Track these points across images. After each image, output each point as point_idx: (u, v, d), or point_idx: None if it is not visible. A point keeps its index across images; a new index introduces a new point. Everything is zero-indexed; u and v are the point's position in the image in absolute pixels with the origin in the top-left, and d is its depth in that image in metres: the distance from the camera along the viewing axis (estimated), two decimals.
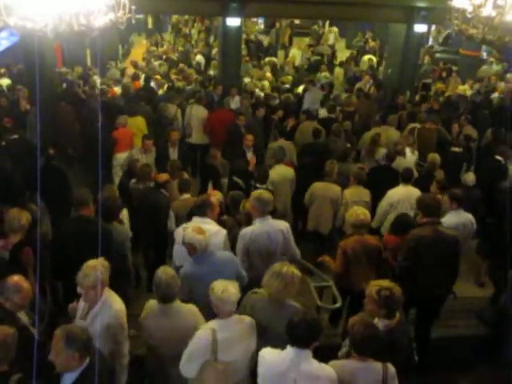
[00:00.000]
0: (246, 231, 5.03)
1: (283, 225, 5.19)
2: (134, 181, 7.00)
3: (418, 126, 9.55)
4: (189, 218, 5.41)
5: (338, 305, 5.29)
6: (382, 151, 8.45)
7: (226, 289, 3.71)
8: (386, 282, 3.91)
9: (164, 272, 4.02)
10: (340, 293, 5.40)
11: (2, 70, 13.00)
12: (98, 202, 5.31)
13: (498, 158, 8.24)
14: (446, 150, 8.56)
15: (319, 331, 3.43)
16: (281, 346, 3.49)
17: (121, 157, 8.52)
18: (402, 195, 6.57)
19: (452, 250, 5.15)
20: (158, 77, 13.38)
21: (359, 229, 5.23)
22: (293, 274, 3.95)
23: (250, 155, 8.22)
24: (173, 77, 14.25)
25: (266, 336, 3.94)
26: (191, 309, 4.10)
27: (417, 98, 12.84)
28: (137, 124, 9.33)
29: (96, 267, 3.81)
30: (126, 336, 4.08)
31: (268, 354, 3.50)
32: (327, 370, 3.43)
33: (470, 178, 7.17)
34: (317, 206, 7.19)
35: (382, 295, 3.78)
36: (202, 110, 10.14)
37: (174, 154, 8.25)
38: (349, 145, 9.17)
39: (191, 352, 3.72)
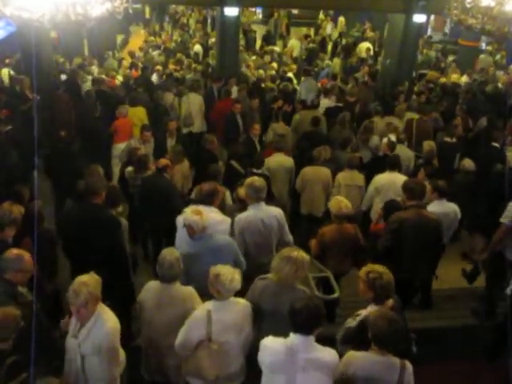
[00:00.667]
0: (240, 217, 5.10)
1: (277, 211, 5.24)
2: (130, 169, 6.97)
3: (415, 116, 9.56)
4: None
5: (335, 295, 5.30)
6: (375, 139, 8.52)
7: (233, 278, 3.78)
8: (379, 267, 3.94)
9: (169, 252, 4.11)
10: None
11: (7, 61, 12.91)
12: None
13: (495, 144, 8.28)
14: (440, 140, 8.59)
15: (322, 317, 3.45)
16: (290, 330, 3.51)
17: (120, 147, 8.47)
18: (387, 181, 6.68)
19: (434, 234, 5.31)
20: (158, 67, 13.34)
21: (340, 219, 5.35)
22: (303, 258, 4.01)
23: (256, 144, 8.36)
24: (171, 67, 14.19)
25: (275, 321, 3.94)
26: (190, 291, 4.14)
27: (415, 88, 12.80)
28: (138, 114, 9.31)
29: (87, 283, 3.60)
30: (118, 357, 3.89)
31: (271, 343, 3.51)
32: (332, 353, 3.47)
33: (468, 163, 7.23)
34: (309, 190, 7.31)
35: (371, 277, 3.85)
36: (199, 98, 10.21)
37: (171, 144, 8.25)
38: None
39: (187, 331, 3.79)
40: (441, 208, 5.77)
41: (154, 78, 12.67)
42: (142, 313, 4.21)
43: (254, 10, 25.11)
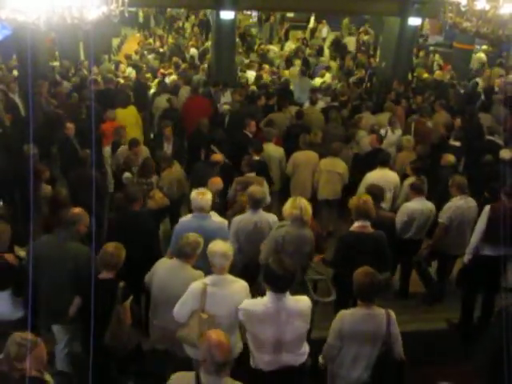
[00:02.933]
0: (236, 219, 5.49)
1: (271, 217, 5.51)
2: (128, 174, 6.92)
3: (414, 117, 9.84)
4: None
5: (332, 298, 5.32)
6: (361, 134, 8.78)
7: (226, 252, 4.09)
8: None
9: (192, 234, 4.48)
10: None
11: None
12: None
13: (490, 137, 8.61)
14: (445, 145, 8.50)
15: (294, 276, 3.85)
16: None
17: (108, 150, 8.45)
18: (379, 178, 6.73)
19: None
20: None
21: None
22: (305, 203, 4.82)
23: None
24: (168, 70, 14.20)
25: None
26: (198, 274, 4.37)
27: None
28: (132, 113, 9.44)
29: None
30: None
31: (249, 305, 3.88)
32: (305, 300, 3.93)
33: (452, 158, 7.27)
34: (299, 174, 7.70)
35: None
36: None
37: (168, 148, 8.24)
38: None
39: (183, 300, 4.10)
40: (419, 205, 6.03)
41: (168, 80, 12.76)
42: (151, 285, 4.53)
43: (249, 13, 25.11)
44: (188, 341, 4.08)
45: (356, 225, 5.01)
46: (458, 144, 8.32)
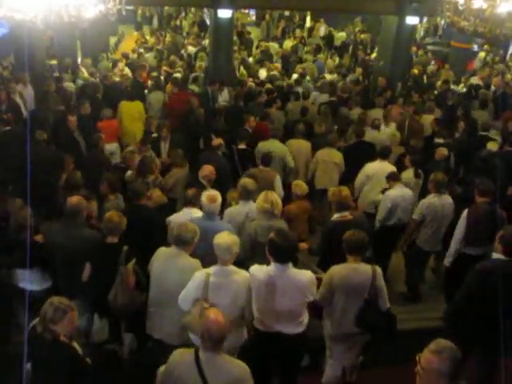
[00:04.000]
0: (228, 210, 5.79)
1: None
2: (129, 173, 6.83)
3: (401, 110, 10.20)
4: None
5: None
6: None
7: (230, 245, 4.18)
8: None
9: (190, 223, 4.62)
10: None
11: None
12: None
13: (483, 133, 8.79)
14: (431, 142, 8.78)
15: (296, 248, 4.33)
16: None
17: (106, 148, 8.39)
18: (378, 170, 7.12)
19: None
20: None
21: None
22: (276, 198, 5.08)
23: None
24: (164, 68, 14.18)
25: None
26: (196, 262, 4.50)
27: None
28: (137, 108, 9.55)
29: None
30: None
31: (255, 270, 4.22)
32: (307, 274, 4.20)
33: (442, 151, 7.66)
34: (294, 162, 7.98)
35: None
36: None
37: (165, 147, 8.25)
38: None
39: (187, 288, 4.23)
40: (399, 192, 6.46)
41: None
42: (150, 273, 4.64)
43: (247, 11, 25.11)
44: (190, 328, 4.17)
45: (336, 215, 5.31)
46: (441, 141, 8.56)
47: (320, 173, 7.91)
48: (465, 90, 13.23)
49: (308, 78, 14.02)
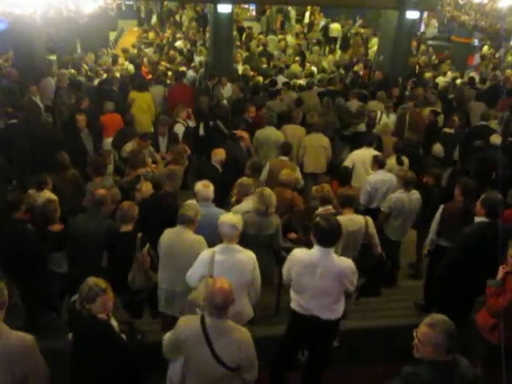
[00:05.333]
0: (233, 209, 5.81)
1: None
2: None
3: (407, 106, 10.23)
4: None
5: None
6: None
7: (234, 223, 4.41)
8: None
9: (192, 201, 5.13)
10: None
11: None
12: None
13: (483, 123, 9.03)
14: (439, 132, 9.02)
15: (340, 234, 4.39)
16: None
17: (107, 141, 8.59)
18: (362, 156, 7.59)
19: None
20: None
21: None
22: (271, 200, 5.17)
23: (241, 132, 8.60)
24: (163, 63, 14.16)
25: (256, 242, 5.06)
26: (200, 238, 4.82)
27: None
28: (144, 99, 9.74)
29: None
30: None
31: (298, 253, 4.40)
32: (348, 262, 4.33)
33: (437, 148, 8.10)
34: None
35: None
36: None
37: (163, 142, 8.32)
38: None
39: (194, 266, 4.47)
40: (379, 176, 6.92)
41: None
42: (160, 253, 4.94)
43: (246, 7, 25.01)
44: (197, 303, 4.31)
45: (321, 209, 5.58)
46: (452, 131, 8.76)
47: (309, 157, 8.28)
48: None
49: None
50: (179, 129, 8.65)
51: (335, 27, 20.88)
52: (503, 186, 6.49)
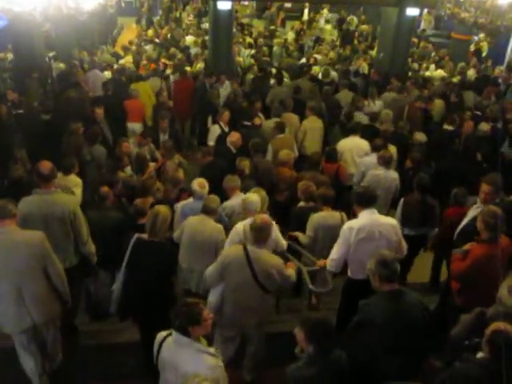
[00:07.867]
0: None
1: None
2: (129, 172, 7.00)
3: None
4: None
5: (328, 288, 5.35)
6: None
7: (253, 199, 5.29)
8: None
9: (215, 196, 5.51)
10: None
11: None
12: None
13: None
14: (438, 128, 9.14)
15: (377, 196, 5.15)
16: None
17: (131, 126, 9.44)
18: (349, 144, 8.08)
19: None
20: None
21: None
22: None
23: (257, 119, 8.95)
24: (163, 60, 14.13)
25: None
26: (219, 228, 5.30)
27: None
28: (145, 89, 10.22)
29: None
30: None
31: (351, 223, 5.06)
32: (393, 221, 5.13)
33: (420, 136, 8.30)
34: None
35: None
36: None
37: (164, 138, 8.33)
38: None
39: (229, 237, 5.11)
40: (373, 159, 7.21)
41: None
42: (181, 237, 5.40)
43: (246, 3, 24.97)
44: None
45: (303, 203, 6.15)
46: (450, 128, 8.81)
47: (306, 140, 8.80)
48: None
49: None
50: (215, 130, 8.55)
51: (328, 28, 20.68)
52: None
